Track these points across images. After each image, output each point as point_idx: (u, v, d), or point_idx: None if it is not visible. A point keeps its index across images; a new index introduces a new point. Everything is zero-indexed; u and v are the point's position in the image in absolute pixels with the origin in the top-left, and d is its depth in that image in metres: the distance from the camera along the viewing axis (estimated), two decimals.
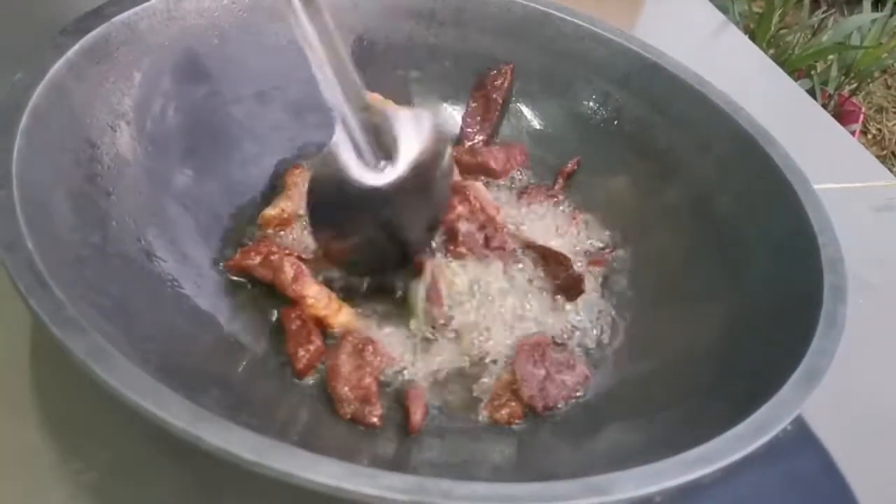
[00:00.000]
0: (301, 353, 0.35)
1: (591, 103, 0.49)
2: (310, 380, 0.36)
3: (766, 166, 0.42)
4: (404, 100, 0.49)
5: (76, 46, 0.36)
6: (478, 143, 0.50)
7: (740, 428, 0.28)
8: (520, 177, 0.49)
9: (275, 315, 0.38)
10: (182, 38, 0.41)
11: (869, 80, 1.49)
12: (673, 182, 0.46)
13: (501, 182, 0.48)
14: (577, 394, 0.37)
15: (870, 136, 1.56)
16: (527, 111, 0.51)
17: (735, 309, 0.38)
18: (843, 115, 1.24)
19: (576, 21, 0.49)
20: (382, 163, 0.36)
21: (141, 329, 0.31)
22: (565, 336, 0.41)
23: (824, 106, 1.26)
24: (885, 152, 1.54)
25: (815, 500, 0.34)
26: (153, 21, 0.40)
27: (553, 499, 0.24)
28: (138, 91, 0.39)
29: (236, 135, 0.43)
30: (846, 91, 1.35)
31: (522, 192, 0.47)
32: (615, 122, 0.49)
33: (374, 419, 0.34)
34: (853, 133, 1.20)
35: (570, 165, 0.49)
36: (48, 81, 0.34)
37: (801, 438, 0.34)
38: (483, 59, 0.50)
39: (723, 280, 0.40)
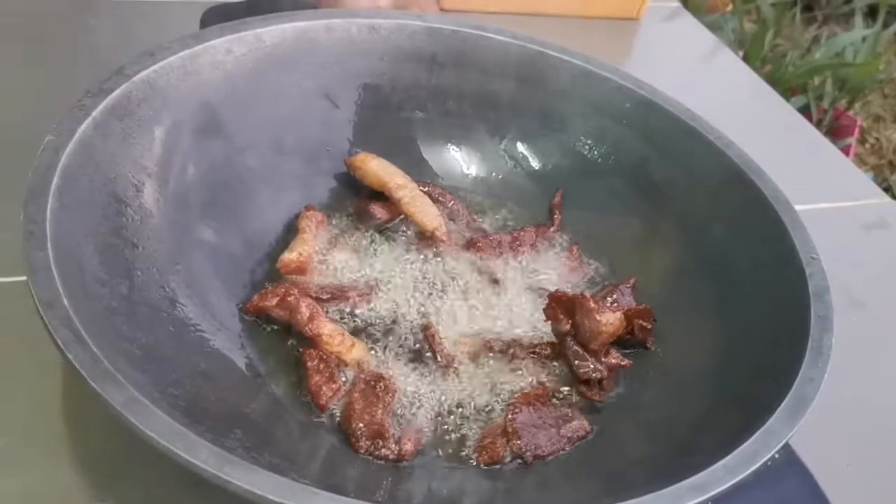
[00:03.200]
0: (324, 389, 0.38)
1: (587, 140, 0.52)
2: (328, 416, 0.38)
3: (756, 199, 0.44)
4: (409, 140, 0.52)
5: (101, 106, 0.39)
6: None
7: (730, 458, 0.30)
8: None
9: (293, 354, 0.40)
10: (198, 91, 0.44)
11: (865, 93, 1.50)
12: (667, 214, 0.48)
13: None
14: (575, 445, 0.38)
15: (867, 146, 1.58)
16: (524, 150, 0.53)
17: (726, 340, 0.40)
18: (838, 130, 1.26)
19: (571, 60, 0.52)
20: None
21: (168, 375, 0.33)
22: (565, 388, 0.41)
23: (820, 121, 1.27)
24: (882, 161, 1.56)
25: None
26: (171, 77, 0.42)
27: None
28: (159, 145, 0.41)
29: (252, 183, 0.45)
30: (841, 105, 1.37)
31: (520, 234, 0.48)
32: (611, 158, 0.51)
33: (388, 453, 0.36)
34: (849, 146, 1.22)
35: (556, 198, 0.51)
36: (76, 141, 0.37)
37: (788, 464, 0.36)
38: (483, 99, 0.52)
39: (715, 311, 0.42)
